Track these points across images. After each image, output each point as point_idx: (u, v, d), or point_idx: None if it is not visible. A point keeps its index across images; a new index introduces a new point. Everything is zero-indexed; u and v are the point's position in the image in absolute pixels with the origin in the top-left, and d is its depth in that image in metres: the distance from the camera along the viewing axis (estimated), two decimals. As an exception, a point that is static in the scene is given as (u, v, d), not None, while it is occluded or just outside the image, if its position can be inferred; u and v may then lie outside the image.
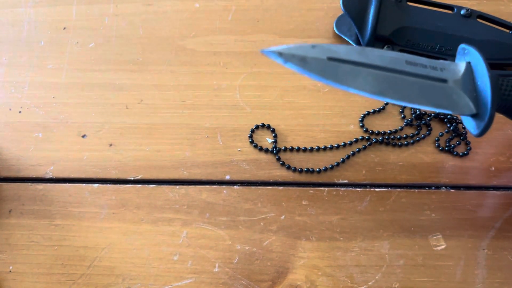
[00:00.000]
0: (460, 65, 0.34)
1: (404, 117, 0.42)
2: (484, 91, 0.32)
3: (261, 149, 0.41)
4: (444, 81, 0.33)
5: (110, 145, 0.41)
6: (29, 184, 0.40)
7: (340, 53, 0.32)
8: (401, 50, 0.42)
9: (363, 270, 0.36)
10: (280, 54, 0.31)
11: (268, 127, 0.41)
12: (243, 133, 0.41)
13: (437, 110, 0.33)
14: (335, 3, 0.47)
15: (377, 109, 0.42)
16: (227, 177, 0.40)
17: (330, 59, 0.31)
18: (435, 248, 0.37)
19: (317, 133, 0.41)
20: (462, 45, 0.35)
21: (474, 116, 0.33)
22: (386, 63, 0.32)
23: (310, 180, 0.39)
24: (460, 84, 0.33)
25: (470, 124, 0.34)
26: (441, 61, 0.34)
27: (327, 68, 0.31)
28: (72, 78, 0.44)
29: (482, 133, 0.33)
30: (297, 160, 0.40)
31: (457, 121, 0.41)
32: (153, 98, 0.43)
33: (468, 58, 0.34)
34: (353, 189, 0.39)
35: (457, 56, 0.35)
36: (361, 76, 0.32)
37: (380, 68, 0.32)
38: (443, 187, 0.39)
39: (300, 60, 0.31)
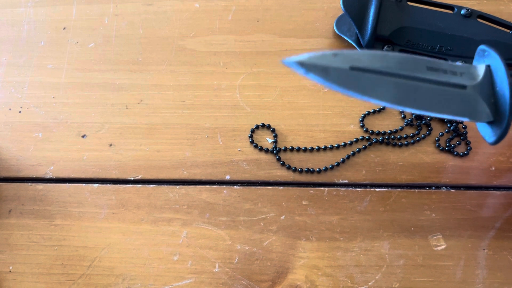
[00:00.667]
0: (479, 69, 0.33)
1: (404, 117, 0.42)
2: (502, 98, 0.31)
3: (261, 149, 0.40)
4: (463, 87, 0.32)
5: (110, 145, 0.41)
6: (29, 184, 0.40)
7: (363, 61, 0.31)
8: (401, 50, 0.42)
9: (363, 270, 0.36)
10: (301, 64, 0.29)
11: (268, 127, 0.41)
12: (243, 133, 0.41)
13: (456, 118, 0.32)
14: (335, 3, 0.47)
15: (377, 109, 0.42)
16: (227, 177, 0.40)
17: (353, 68, 0.30)
18: (435, 248, 0.37)
19: (317, 133, 0.41)
20: (482, 46, 0.34)
21: (490, 122, 0.33)
22: (407, 70, 0.32)
23: (310, 180, 0.39)
24: (478, 90, 0.32)
25: (485, 131, 0.33)
26: (461, 64, 0.33)
27: (349, 78, 0.30)
28: (72, 78, 0.44)
29: (498, 141, 0.32)
30: (297, 160, 0.40)
31: (458, 121, 0.41)
32: (153, 98, 0.43)
33: (488, 61, 0.33)
34: (353, 189, 0.39)
35: (476, 57, 0.35)
36: (383, 85, 0.31)
37: (401, 76, 0.31)
38: (443, 187, 0.39)
39: (322, 71, 0.29)
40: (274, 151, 0.40)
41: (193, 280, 0.36)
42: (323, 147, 0.40)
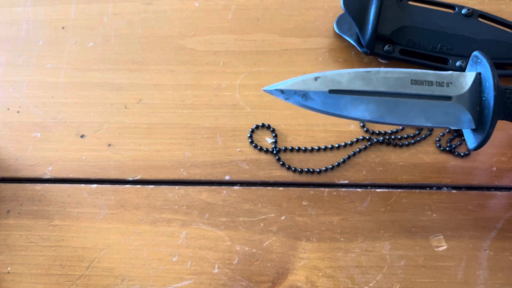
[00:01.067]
0: (469, 77, 0.34)
1: (405, 117, 0.42)
2: (487, 108, 0.32)
3: (261, 149, 0.40)
4: (448, 98, 0.33)
5: (109, 145, 0.41)
6: (28, 184, 0.40)
7: (342, 82, 0.32)
8: (402, 50, 0.42)
9: (363, 271, 0.36)
10: (282, 92, 0.32)
11: (268, 127, 0.41)
12: (243, 133, 0.41)
13: (437, 126, 0.33)
14: (335, 2, 0.47)
15: (377, 109, 0.42)
16: (227, 178, 0.39)
17: (332, 91, 0.32)
18: (436, 249, 0.36)
19: (317, 133, 0.41)
20: (475, 53, 0.34)
21: (473, 130, 0.34)
22: (390, 86, 0.33)
23: (311, 181, 0.39)
24: (464, 100, 0.33)
25: (468, 137, 0.35)
26: (450, 73, 0.34)
27: (328, 101, 0.32)
28: (71, 77, 0.44)
29: (478, 147, 0.33)
30: (297, 160, 0.40)
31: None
32: (152, 97, 0.43)
33: (480, 69, 0.34)
34: (353, 189, 0.39)
35: (470, 63, 0.35)
36: (363, 104, 0.32)
37: (383, 94, 0.33)
38: (444, 188, 0.39)
39: (302, 96, 0.32)
40: (274, 151, 0.40)
41: (192, 281, 0.36)
42: (323, 147, 0.40)
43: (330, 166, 0.39)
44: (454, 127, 0.34)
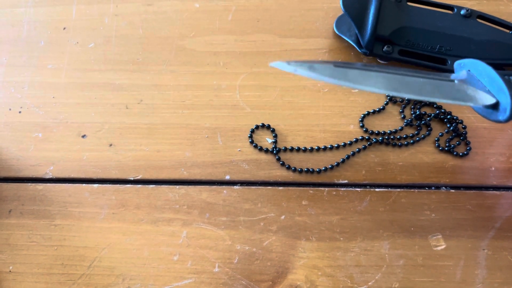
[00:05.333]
0: (461, 74, 0.35)
1: (404, 117, 0.42)
2: (493, 82, 0.33)
3: (261, 149, 0.41)
4: (451, 81, 0.34)
5: (110, 145, 0.41)
6: (29, 184, 0.40)
7: (344, 63, 0.33)
8: (401, 50, 0.42)
9: (363, 270, 0.36)
10: (289, 63, 0.32)
11: (268, 127, 0.41)
12: (243, 133, 0.41)
13: (459, 103, 0.33)
14: (335, 3, 0.47)
15: (377, 109, 0.42)
16: (227, 177, 0.40)
17: (337, 65, 0.32)
18: (435, 248, 0.37)
19: (317, 133, 0.41)
20: (457, 62, 0.36)
21: (493, 106, 0.34)
22: (390, 70, 0.33)
23: (310, 180, 0.39)
24: (468, 83, 0.34)
25: (492, 114, 0.34)
26: (441, 73, 0.35)
27: (335, 72, 0.32)
28: (72, 78, 0.44)
29: (511, 116, 0.33)
30: (297, 160, 0.40)
31: (457, 121, 0.41)
32: (153, 98, 0.43)
33: (466, 68, 0.35)
34: (353, 189, 0.39)
35: (455, 71, 0.36)
36: (372, 77, 0.32)
37: (388, 72, 0.33)
38: (443, 187, 0.39)
39: (309, 68, 0.32)
40: (274, 151, 0.40)
41: (193, 280, 0.36)
42: (323, 147, 0.40)
43: (330, 166, 0.40)
44: (476, 103, 0.33)
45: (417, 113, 0.42)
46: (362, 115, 0.42)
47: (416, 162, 0.40)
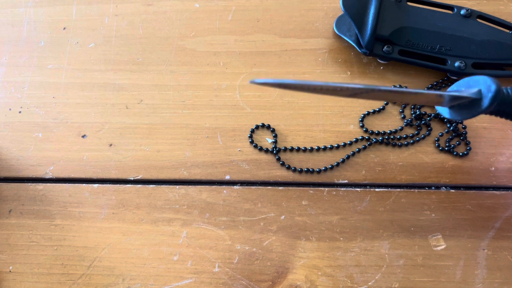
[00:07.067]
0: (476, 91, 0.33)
1: (404, 117, 0.42)
2: (472, 81, 0.33)
3: (261, 149, 0.41)
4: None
5: (110, 145, 0.41)
6: (29, 184, 0.40)
7: None
8: (401, 50, 0.42)
9: (363, 270, 0.36)
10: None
11: (268, 127, 0.41)
12: (243, 133, 0.41)
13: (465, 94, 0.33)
14: (335, 3, 0.47)
15: (377, 109, 0.42)
16: (227, 177, 0.40)
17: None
18: (435, 248, 0.37)
19: (317, 133, 0.41)
20: (452, 87, 0.35)
21: (475, 101, 0.33)
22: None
23: (310, 180, 0.39)
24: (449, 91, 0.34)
25: (476, 107, 0.33)
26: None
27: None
28: (72, 78, 0.44)
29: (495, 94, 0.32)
30: (297, 160, 0.40)
31: (457, 121, 0.41)
32: (153, 98, 0.43)
33: (477, 87, 0.33)
34: (353, 189, 0.39)
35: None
36: None
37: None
38: (443, 187, 0.39)
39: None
40: (274, 151, 0.40)
41: (193, 280, 0.36)
42: (323, 147, 0.40)
43: (330, 166, 0.40)
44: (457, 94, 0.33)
45: (417, 113, 0.42)
46: (362, 115, 0.42)
47: (416, 162, 0.40)
